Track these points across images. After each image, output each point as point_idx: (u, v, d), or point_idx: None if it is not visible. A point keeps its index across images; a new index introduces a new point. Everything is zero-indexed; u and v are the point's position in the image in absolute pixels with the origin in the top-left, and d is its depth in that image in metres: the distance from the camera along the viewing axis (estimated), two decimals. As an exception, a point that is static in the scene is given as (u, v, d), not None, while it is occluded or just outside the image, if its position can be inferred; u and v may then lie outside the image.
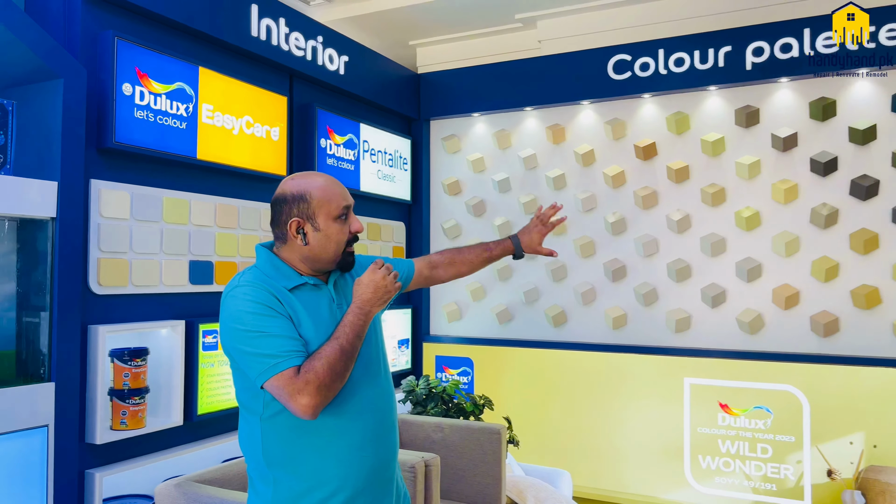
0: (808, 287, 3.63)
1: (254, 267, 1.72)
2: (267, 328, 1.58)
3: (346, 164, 3.94)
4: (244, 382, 1.64)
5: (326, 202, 1.69)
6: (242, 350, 1.58)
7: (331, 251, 1.70)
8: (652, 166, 3.99)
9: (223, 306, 1.64)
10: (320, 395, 1.53)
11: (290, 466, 1.63)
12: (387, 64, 4.34)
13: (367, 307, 1.64)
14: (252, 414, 1.65)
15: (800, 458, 3.58)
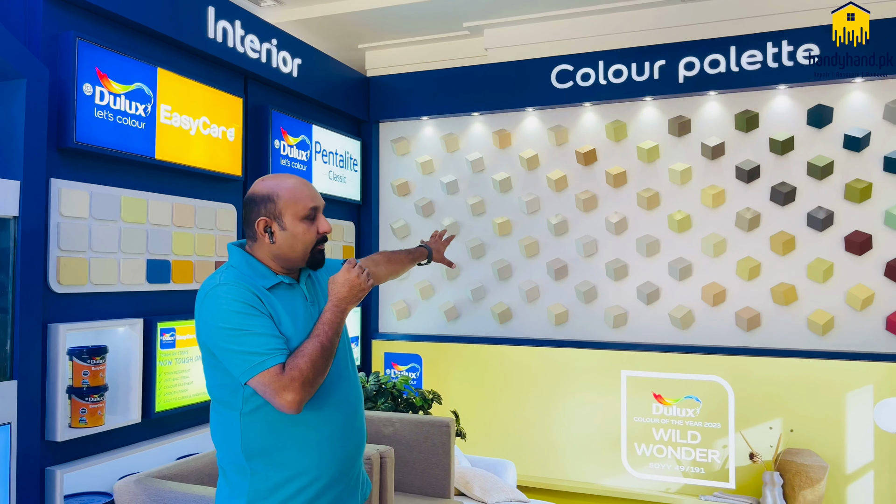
0: (734, 285, 3.92)
1: (230, 266, 1.76)
2: (251, 327, 1.64)
3: (298, 164, 4.01)
4: (222, 379, 1.70)
5: (293, 203, 1.75)
6: (226, 348, 1.63)
7: (298, 250, 1.76)
8: (592, 171, 4.22)
9: (203, 305, 1.69)
10: (305, 391, 1.61)
11: (268, 458, 1.70)
12: (338, 67, 4.43)
13: (343, 304, 1.73)
14: (230, 409, 1.70)
15: (725, 443, 3.87)
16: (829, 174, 3.75)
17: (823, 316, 3.71)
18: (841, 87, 3.75)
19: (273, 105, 3.83)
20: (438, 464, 3.87)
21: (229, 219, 3.49)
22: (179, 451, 3.11)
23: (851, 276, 3.70)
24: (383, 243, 4.75)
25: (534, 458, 4.25)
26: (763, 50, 3.83)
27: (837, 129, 3.74)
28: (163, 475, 2.74)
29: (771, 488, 3.73)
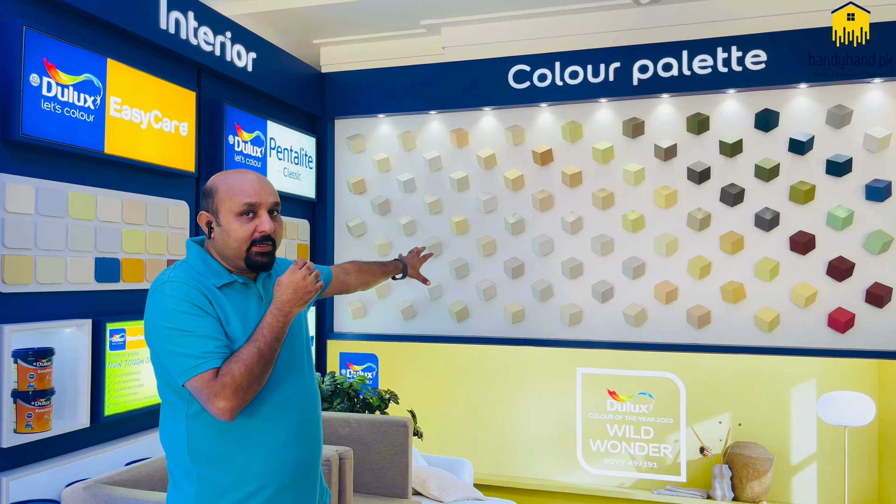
0: (685, 284, 4.02)
1: (184, 262, 1.69)
2: (192, 328, 1.56)
3: (253, 161, 3.93)
4: (167, 380, 1.63)
5: (228, 198, 1.66)
6: (166, 348, 1.57)
7: (232, 248, 1.66)
8: (548, 171, 4.26)
9: (150, 301, 1.62)
10: (237, 399, 1.53)
11: (215, 462, 1.62)
12: (293, 62, 4.36)
13: (287, 308, 1.63)
14: (176, 411, 1.64)
15: (677, 437, 3.97)
16: (775, 176, 3.88)
17: (770, 313, 3.83)
18: (786, 92, 3.89)
19: (227, 100, 3.74)
20: (396, 464, 3.85)
21: (182, 216, 3.39)
22: (130, 456, 3.00)
23: (796, 274, 3.83)
24: (338, 242, 4.70)
25: (490, 456, 4.27)
26: (714, 55, 3.94)
27: (783, 133, 3.88)
28: (113, 481, 2.65)
29: (720, 481, 3.85)
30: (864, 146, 3.75)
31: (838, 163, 3.76)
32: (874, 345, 3.68)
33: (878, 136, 3.68)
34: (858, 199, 3.75)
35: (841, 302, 3.75)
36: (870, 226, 3.72)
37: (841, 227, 3.75)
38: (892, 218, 3.69)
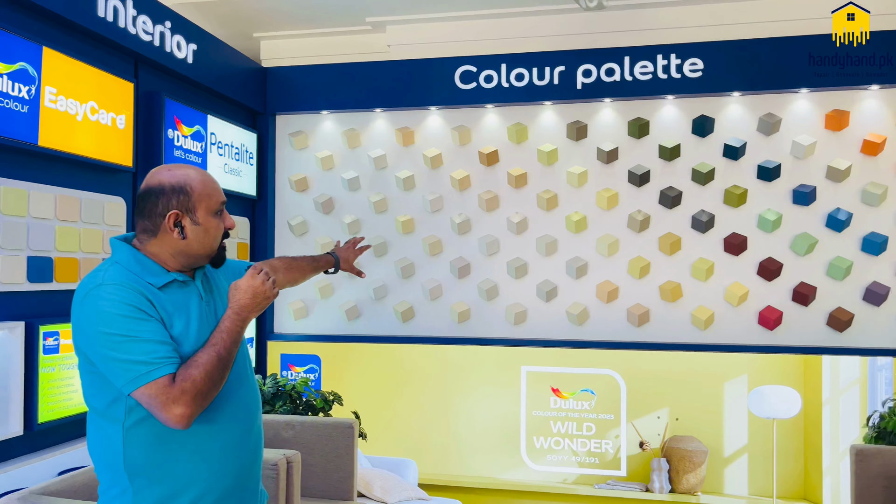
0: (625, 283, 4.13)
1: (114, 262, 1.60)
2: (137, 332, 1.50)
3: (193, 156, 3.80)
4: (101, 389, 1.55)
5: (207, 196, 1.65)
6: (108, 356, 1.48)
7: (208, 246, 1.66)
8: (494, 172, 4.30)
9: (81, 306, 1.53)
10: (196, 405, 1.49)
11: (154, 474, 1.56)
12: (234, 55, 4.24)
13: (245, 313, 1.62)
14: (110, 421, 1.56)
15: (618, 433, 4.08)
16: (710, 180, 4.04)
17: (705, 312, 3.99)
18: (720, 99, 4.06)
19: (167, 92, 3.60)
20: (341, 466, 3.81)
21: (118, 213, 3.24)
22: (66, 464, 2.85)
23: (729, 274, 4.00)
24: (279, 240, 4.59)
25: (435, 455, 4.27)
26: (654, 62, 4.06)
27: (718, 139, 4.04)
28: (48, 491, 2.53)
29: (658, 474, 3.98)
30: (792, 153, 3.95)
31: (768, 168, 3.95)
32: (800, 341, 3.88)
33: (805, 143, 3.89)
34: (786, 203, 3.95)
35: (770, 301, 3.94)
36: (796, 228, 3.93)
37: (770, 229, 3.94)
38: (817, 221, 3.90)
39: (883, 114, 3.86)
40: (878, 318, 3.80)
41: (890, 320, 3.79)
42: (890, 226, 3.82)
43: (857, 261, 3.83)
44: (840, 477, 3.99)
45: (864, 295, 3.82)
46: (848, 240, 3.86)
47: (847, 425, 4.03)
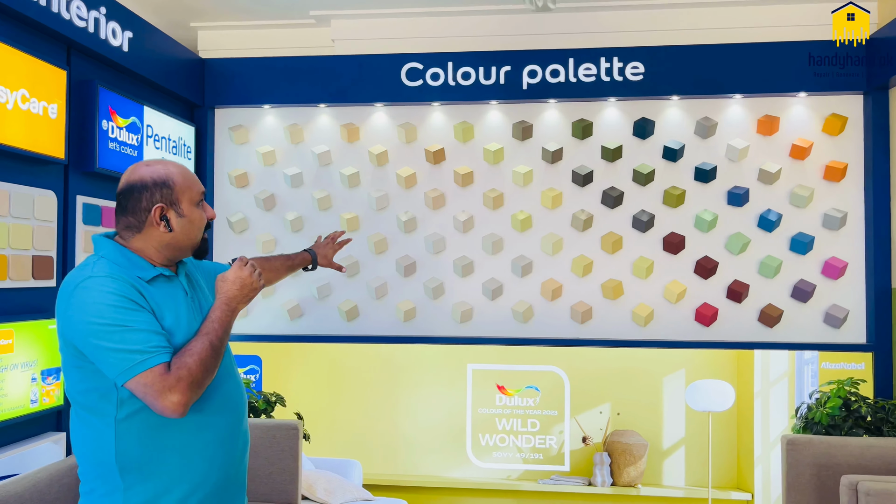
0: (569, 281, 4.21)
1: (100, 257, 1.63)
2: (131, 322, 1.52)
3: (129, 149, 3.63)
4: (92, 383, 1.56)
5: (188, 188, 1.70)
6: (101, 346, 1.50)
7: (193, 237, 1.72)
8: (441, 170, 4.29)
9: (71, 299, 1.55)
10: (192, 392, 1.52)
11: (146, 469, 1.58)
12: (172, 45, 4.08)
13: (234, 304, 1.69)
14: (100, 416, 1.57)
15: (561, 428, 4.15)
16: (650, 181, 4.15)
17: (645, 309, 4.10)
18: (660, 103, 4.18)
19: (101, 81, 3.43)
20: (285, 469, 3.73)
21: (49, 207, 3.07)
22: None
23: (668, 273, 4.13)
24: (218, 237, 4.45)
25: (381, 455, 4.24)
26: (597, 64, 4.15)
27: (658, 141, 4.16)
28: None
29: (600, 468, 4.08)
30: (727, 156, 4.11)
31: (705, 170, 4.09)
32: (733, 337, 4.05)
33: (739, 146, 4.05)
34: (721, 204, 4.11)
35: (706, 298, 4.09)
36: (731, 228, 4.09)
37: (707, 229, 4.09)
38: (750, 221, 4.07)
39: (810, 120, 4.07)
40: (805, 314, 4.01)
41: (816, 316, 4.00)
42: (816, 226, 4.03)
43: (786, 260, 4.02)
44: (770, 466, 4.19)
45: (793, 292, 4.02)
46: (778, 240, 4.05)
47: (776, 416, 4.24)
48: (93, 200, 3.40)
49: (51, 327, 2.98)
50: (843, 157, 4.02)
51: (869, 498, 2.72)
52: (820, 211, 4.03)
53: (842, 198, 4.03)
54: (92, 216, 3.38)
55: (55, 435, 3.08)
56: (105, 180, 3.51)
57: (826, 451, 3.46)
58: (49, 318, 2.97)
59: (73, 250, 3.26)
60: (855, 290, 3.98)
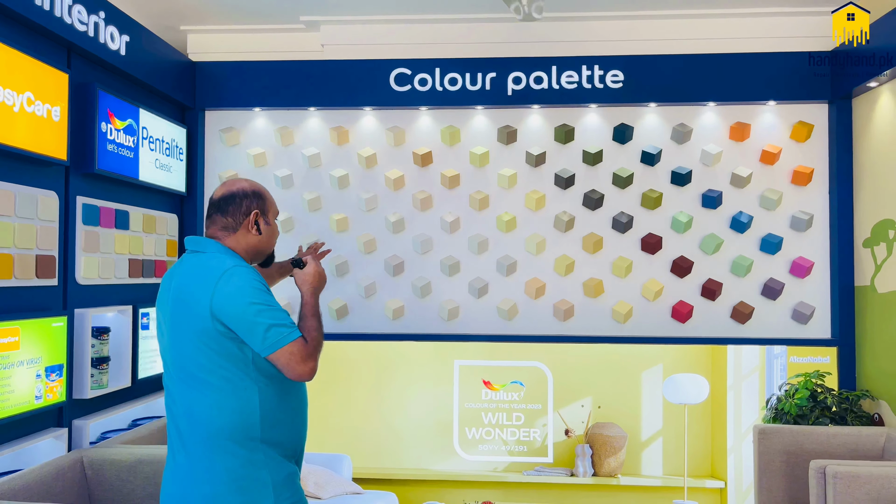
0: (552, 280, 4.37)
1: (215, 251, 1.92)
2: (273, 302, 1.85)
3: (125, 150, 3.70)
4: (232, 357, 1.82)
5: (273, 204, 2.06)
6: (257, 322, 1.79)
7: (271, 245, 2.05)
8: (428, 173, 4.43)
9: (219, 284, 1.80)
10: (317, 360, 1.88)
11: (277, 427, 1.88)
12: (166, 48, 4.15)
13: (318, 291, 2.05)
14: (244, 386, 1.83)
15: (545, 421, 4.31)
16: (629, 184, 4.34)
17: (625, 306, 4.29)
18: (638, 109, 4.37)
19: (100, 84, 3.49)
20: (279, 462, 3.82)
21: (51, 208, 3.13)
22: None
23: (646, 272, 4.32)
24: (209, 238, 4.51)
25: (370, 449, 4.36)
26: (579, 72, 4.33)
27: (636, 146, 4.35)
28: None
29: (582, 459, 4.25)
30: (701, 160, 4.32)
31: (681, 174, 4.30)
32: (708, 333, 4.25)
33: (713, 152, 4.26)
34: (696, 207, 4.32)
35: (682, 296, 4.29)
36: (705, 229, 4.29)
37: (683, 230, 4.29)
38: (723, 223, 4.28)
39: (778, 127, 4.29)
40: (775, 311, 4.23)
41: (785, 313, 4.22)
42: (784, 228, 4.25)
43: (756, 259, 4.24)
44: (742, 454, 4.40)
45: (763, 290, 4.24)
46: (749, 240, 4.26)
47: (748, 408, 4.46)
48: (92, 201, 3.47)
49: (55, 325, 3.05)
50: (809, 162, 4.26)
51: (836, 480, 2.93)
52: (788, 213, 4.25)
53: (808, 201, 4.26)
54: (91, 216, 3.45)
55: (57, 431, 3.14)
56: (103, 181, 3.58)
57: (795, 439, 3.67)
58: (52, 315, 3.04)
59: (73, 250, 3.32)
60: (820, 288, 4.22)
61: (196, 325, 1.80)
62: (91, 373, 3.39)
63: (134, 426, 3.87)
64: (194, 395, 1.82)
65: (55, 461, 2.90)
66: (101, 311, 3.50)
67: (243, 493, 1.82)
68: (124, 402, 3.76)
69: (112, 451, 3.12)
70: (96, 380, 3.44)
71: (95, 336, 3.44)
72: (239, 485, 1.82)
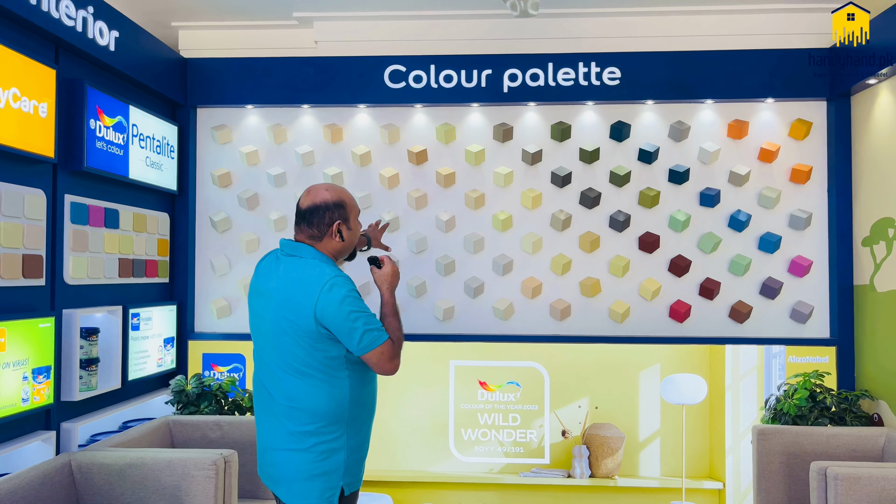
0: (548, 279, 4.32)
1: (313, 258, 2.26)
2: (365, 308, 2.18)
3: (115, 148, 3.64)
4: (331, 353, 2.18)
5: (354, 207, 2.37)
6: (355, 327, 2.13)
7: (353, 245, 2.39)
8: (423, 171, 4.38)
9: (322, 293, 2.14)
10: (400, 356, 2.27)
11: (357, 412, 2.26)
12: (156, 44, 4.09)
13: (394, 289, 2.44)
14: (336, 377, 2.20)
15: (541, 422, 4.27)
16: (626, 182, 4.30)
17: (622, 306, 4.24)
18: (635, 107, 4.32)
19: (89, 80, 3.43)
20: (272, 465, 3.76)
21: (38, 206, 3.07)
22: (-14, 474, 2.68)
23: (643, 271, 4.28)
24: (200, 236, 4.46)
25: (364, 451, 4.30)
26: (575, 69, 4.28)
27: (633, 144, 4.31)
28: None
29: (579, 460, 4.20)
30: (699, 158, 4.27)
31: (679, 172, 4.25)
32: (706, 332, 4.21)
33: (711, 150, 4.22)
34: (694, 205, 4.27)
35: (680, 295, 4.24)
36: (703, 228, 4.25)
37: (680, 229, 4.24)
38: (721, 221, 4.24)
39: (777, 125, 4.25)
40: (773, 310, 4.19)
41: (783, 312, 4.18)
42: (783, 227, 4.21)
43: (755, 258, 4.20)
44: (741, 455, 4.36)
45: (761, 289, 4.20)
46: (747, 239, 4.22)
47: (746, 408, 4.42)
48: (80, 199, 3.41)
49: (42, 325, 2.99)
50: (807, 160, 4.22)
51: (837, 482, 2.89)
52: (786, 212, 4.21)
53: (807, 199, 4.22)
54: (80, 215, 3.38)
55: (45, 434, 3.08)
56: (92, 179, 3.51)
57: (794, 440, 3.63)
58: (39, 316, 2.98)
59: (61, 249, 3.26)
60: (819, 287, 4.18)
61: (301, 327, 2.13)
62: (79, 374, 3.33)
63: (125, 428, 3.82)
64: (294, 383, 2.18)
65: (43, 465, 2.84)
66: (89, 312, 3.43)
67: (324, 464, 2.22)
68: (114, 403, 3.70)
69: (101, 454, 3.06)
70: (85, 381, 3.38)
71: (84, 337, 3.37)
72: (324, 457, 2.21)
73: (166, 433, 3.77)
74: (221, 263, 4.40)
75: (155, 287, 4.18)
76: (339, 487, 2.24)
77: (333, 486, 2.22)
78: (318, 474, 2.20)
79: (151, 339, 4.00)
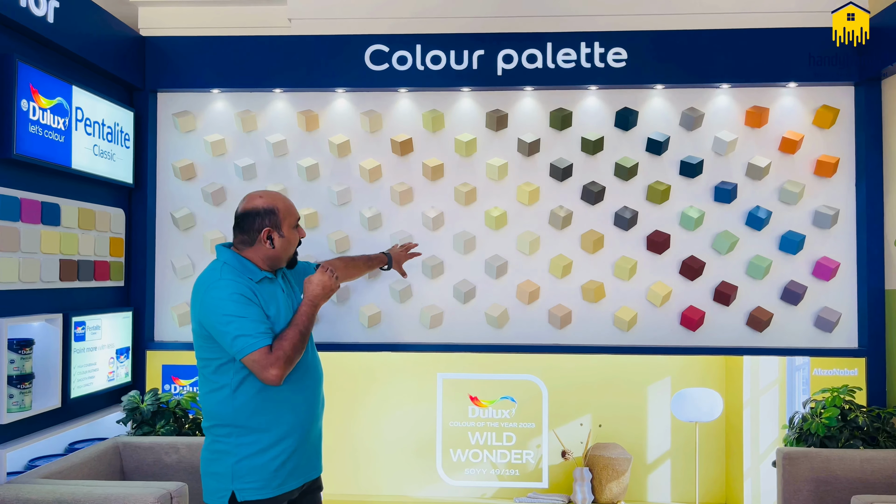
0: (547, 283, 3.91)
1: (222, 263, 2.27)
2: (245, 313, 2.13)
3: (53, 134, 3.19)
4: (216, 354, 2.21)
5: (289, 215, 2.36)
6: (225, 331, 2.13)
7: (289, 252, 2.38)
8: (408, 162, 3.95)
9: (205, 296, 2.20)
10: (286, 368, 2.15)
11: (254, 418, 2.22)
12: (107, 19, 3.64)
13: (317, 301, 2.34)
14: (223, 380, 2.22)
15: (539, 442, 3.85)
16: (633, 175, 3.89)
17: (628, 312, 3.83)
18: (643, 92, 3.92)
19: (20, 55, 2.98)
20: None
21: (-46, 199, 2.62)
22: None
23: (652, 273, 3.87)
24: (161, 234, 4.03)
25: (343, 472, 3.88)
26: (577, 49, 3.86)
27: (641, 133, 3.90)
28: None
29: (581, 484, 3.79)
30: (714, 149, 3.87)
31: (692, 164, 3.84)
32: (721, 342, 3.80)
33: (727, 139, 3.81)
34: (708, 201, 3.87)
35: (692, 301, 3.84)
36: (718, 226, 3.85)
37: (693, 227, 3.84)
38: (738, 219, 3.84)
39: (800, 112, 3.85)
40: (796, 317, 3.79)
41: (807, 320, 3.78)
42: (807, 225, 3.82)
43: (775, 260, 3.80)
44: (760, 479, 3.96)
45: (782, 294, 3.80)
46: (767, 238, 3.83)
47: (766, 427, 4.02)
48: (9, 191, 2.96)
49: (-48, 340, 2.54)
50: (834, 151, 3.82)
51: (887, 522, 2.48)
52: (811, 208, 3.82)
53: (833, 194, 3.83)
54: (9, 210, 2.94)
55: None
56: (25, 169, 3.07)
57: (824, 465, 3.24)
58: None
59: (-16, 249, 2.81)
60: (847, 292, 3.79)
61: (195, 327, 2.21)
62: (9, 393, 2.90)
63: (72, 450, 3.38)
64: (200, 385, 2.26)
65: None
66: (21, 321, 2.99)
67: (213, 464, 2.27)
68: (54, 424, 3.26)
69: (27, 487, 2.63)
70: (16, 401, 2.94)
71: (15, 350, 2.94)
72: (215, 457, 2.26)
73: (115, 458, 3.33)
74: (184, 265, 3.97)
75: (107, 291, 3.74)
76: (230, 491, 2.21)
77: (223, 488, 2.22)
78: (209, 473, 2.27)
79: (100, 350, 3.56)
